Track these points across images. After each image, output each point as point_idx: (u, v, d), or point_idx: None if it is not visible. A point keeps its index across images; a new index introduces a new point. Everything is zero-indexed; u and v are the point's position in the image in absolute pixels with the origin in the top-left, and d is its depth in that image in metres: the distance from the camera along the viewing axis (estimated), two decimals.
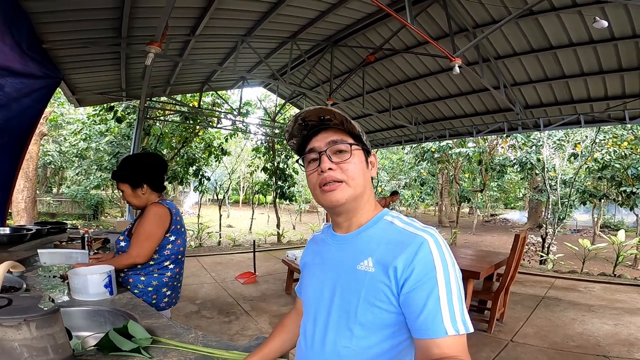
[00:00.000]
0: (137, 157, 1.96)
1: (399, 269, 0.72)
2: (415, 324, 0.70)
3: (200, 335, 1.30)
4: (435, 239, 0.74)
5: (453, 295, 0.69)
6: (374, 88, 7.32)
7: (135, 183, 1.79)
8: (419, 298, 0.69)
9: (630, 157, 8.42)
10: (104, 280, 1.62)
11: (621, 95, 5.44)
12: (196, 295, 4.37)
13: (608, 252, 7.61)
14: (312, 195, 0.89)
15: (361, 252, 0.80)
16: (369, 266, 0.77)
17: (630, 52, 4.52)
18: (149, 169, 1.83)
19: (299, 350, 0.93)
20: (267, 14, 4.62)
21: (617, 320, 3.79)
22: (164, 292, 1.87)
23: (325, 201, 0.82)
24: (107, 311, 1.47)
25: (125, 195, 1.82)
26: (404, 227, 0.79)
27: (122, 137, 8.61)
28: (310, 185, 0.86)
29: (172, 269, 1.88)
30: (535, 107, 6.49)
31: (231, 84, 8.30)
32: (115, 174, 1.83)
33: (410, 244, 0.73)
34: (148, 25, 4.27)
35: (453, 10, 4.44)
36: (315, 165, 0.83)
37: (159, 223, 1.77)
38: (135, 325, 1.18)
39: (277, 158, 10.51)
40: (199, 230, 9.01)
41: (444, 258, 0.72)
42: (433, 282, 0.69)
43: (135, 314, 1.41)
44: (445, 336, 0.67)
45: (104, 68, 5.52)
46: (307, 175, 0.86)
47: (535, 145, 10.65)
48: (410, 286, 0.71)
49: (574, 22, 4.28)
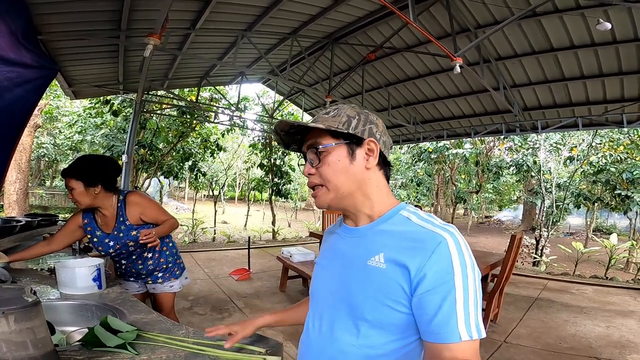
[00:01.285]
0: (95, 157, 2.02)
1: (414, 269, 0.68)
2: (428, 327, 0.67)
3: (191, 331, 1.27)
4: (455, 238, 0.70)
5: (469, 300, 0.66)
6: (373, 87, 7.30)
7: (90, 181, 1.81)
8: (434, 301, 0.66)
9: (625, 162, 8.47)
10: (92, 273, 1.59)
11: (620, 98, 5.46)
12: (189, 292, 4.33)
13: (600, 255, 7.66)
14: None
15: (373, 247, 0.76)
16: (380, 262, 0.73)
17: (631, 55, 4.53)
18: (105, 170, 1.88)
19: (302, 344, 0.90)
20: (269, 9, 4.57)
21: (608, 322, 3.81)
22: (179, 255, 2.25)
23: (315, 204, 0.83)
24: (95, 305, 1.44)
25: (75, 192, 1.80)
26: (421, 224, 0.74)
27: (118, 130, 8.51)
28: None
29: (171, 235, 2.19)
30: (534, 109, 6.51)
31: (230, 79, 8.23)
32: (70, 169, 1.82)
33: (428, 243, 0.69)
34: (148, 18, 4.21)
35: (455, 10, 4.41)
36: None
37: (151, 199, 2.05)
38: (116, 320, 1.14)
39: (273, 155, 10.46)
40: (194, 225, 8.94)
41: (463, 260, 0.68)
42: (450, 285, 0.66)
43: (124, 309, 1.38)
44: (459, 341, 0.64)
45: (102, 60, 5.45)
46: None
47: (532, 148, 10.68)
48: (426, 288, 0.67)
49: (576, 24, 4.27)
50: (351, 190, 0.79)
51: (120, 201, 1.91)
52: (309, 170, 0.81)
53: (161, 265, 2.08)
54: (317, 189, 0.81)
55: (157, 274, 2.07)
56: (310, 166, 0.80)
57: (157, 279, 2.08)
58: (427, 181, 14.52)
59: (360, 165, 0.79)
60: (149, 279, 2.08)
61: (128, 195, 1.94)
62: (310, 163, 0.80)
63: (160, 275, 2.08)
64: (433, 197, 16.14)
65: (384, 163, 0.83)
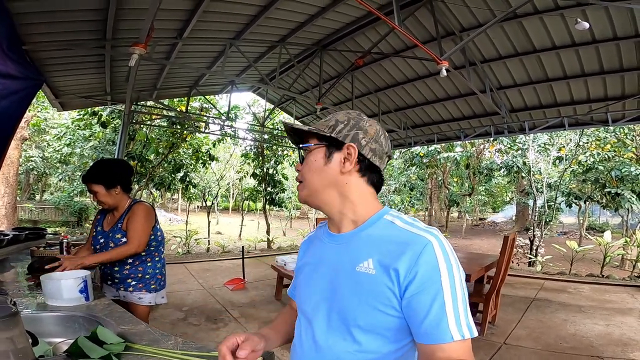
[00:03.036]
0: (110, 161, 2.28)
1: (402, 272, 0.69)
2: (420, 329, 0.68)
3: (180, 341, 1.24)
4: (439, 240, 0.71)
5: (458, 299, 0.67)
6: (363, 93, 7.35)
7: (110, 184, 1.98)
8: (423, 302, 0.67)
9: (613, 160, 8.63)
10: (79, 285, 1.57)
11: (603, 97, 5.57)
12: (183, 302, 4.24)
13: (595, 254, 7.73)
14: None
15: (360, 252, 0.77)
16: (369, 268, 0.74)
17: (611, 54, 4.64)
18: (122, 172, 2.06)
19: (295, 353, 0.89)
20: (256, 17, 4.60)
21: (608, 320, 3.80)
22: (164, 272, 2.19)
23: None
24: (82, 317, 1.42)
25: (99, 195, 1.99)
26: (406, 227, 0.76)
27: (107, 142, 8.43)
28: None
29: (163, 251, 2.21)
30: (521, 110, 6.61)
31: (219, 88, 8.23)
32: (90, 175, 1.99)
33: (413, 246, 0.71)
34: (134, 28, 4.20)
35: (440, 14, 4.49)
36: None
37: (149, 218, 2.04)
38: (105, 331, 1.11)
39: (266, 164, 10.44)
40: (187, 237, 8.83)
41: (448, 260, 0.69)
42: (438, 286, 0.67)
43: (112, 320, 1.35)
44: (451, 341, 0.65)
45: (88, 71, 5.41)
46: None
47: (521, 149, 10.84)
48: (414, 290, 0.68)
49: (556, 25, 4.37)
50: (324, 190, 0.82)
51: (129, 206, 2.04)
52: (297, 166, 0.88)
53: (137, 273, 2.04)
54: (299, 184, 0.87)
55: (130, 281, 2.03)
56: (299, 163, 0.88)
57: (129, 286, 2.03)
58: (420, 185, 14.61)
59: (334, 168, 0.80)
60: (121, 285, 2.03)
61: (136, 203, 2.06)
62: (300, 160, 0.87)
63: (133, 284, 2.03)
64: (427, 201, 16.23)
65: (369, 169, 0.82)
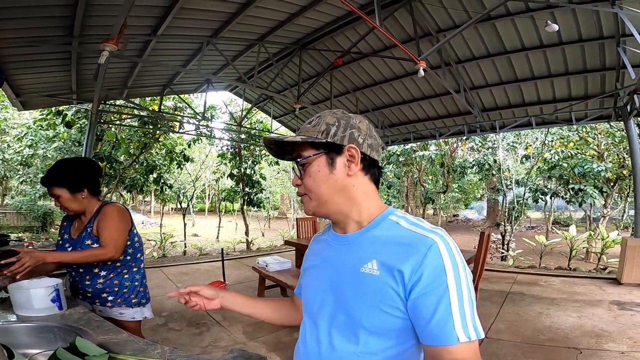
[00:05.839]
0: (74, 160, 1.90)
1: (407, 273, 0.69)
2: (425, 331, 0.68)
3: (167, 350, 1.17)
4: (445, 240, 0.71)
5: (464, 300, 0.67)
6: (341, 92, 7.39)
7: (74, 187, 1.72)
8: (429, 304, 0.67)
9: (576, 157, 9.15)
10: (50, 294, 1.48)
11: (567, 97, 5.91)
12: (162, 307, 4.09)
13: (562, 247, 8.16)
14: None
15: (364, 253, 0.76)
16: (373, 269, 0.73)
17: (576, 56, 4.92)
18: (89, 173, 1.80)
19: (298, 354, 0.88)
20: (235, 14, 4.51)
21: (579, 312, 3.97)
22: (145, 284, 1.95)
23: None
24: (57, 327, 1.32)
25: (62, 200, 1.72)
26: (412, 228, 0.75)
27: (72, 143, 7.97)
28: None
29: (142, 260, 1.95)
30: (492, 110, 6.88)
31: (195, 87, 8.01)
32: (51, 177, 1.71)
33: (419, 246, 0.70)
34: (104, 24, 4.00)
35: (418, 15, 4.59)
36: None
37: (123, 219, 1.79)
38: (85, 342, 1.04)
39: (243, 164, 10.27)
40: (162, 240, 8.52)
41: (454, 261, 0.68)
42: (444, 287, 0.67)
43: (89, 329, 1.26)
44: (457, 343, 0.65)
45: (53, 68, 5.10)
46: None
47: (492, 148, 11.28)
48: (419, 291, 0.68)
49: (527, 27, 4.59)
50: (333, 198, 0.80)
51: (97, 209, 1.79)
52: (296, 181, 0.84)
53: (113, 286, 1.79)
54: (304, 197, 0.84)
55: (107, 296, 1.78)
56: (297, 177, 0.84)
57: (106, 302, 1.78)
58: (396, 184, 14.87)
59: (341, 173, 0.79)
60: (96, 300, 1.78)
61: (106, 205, 1.80)
62: (297, 174, 0.83)
63: (111, 299, 1.78)
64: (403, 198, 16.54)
65: (371, 165, 0.82)
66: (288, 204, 18.83)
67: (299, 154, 0.82)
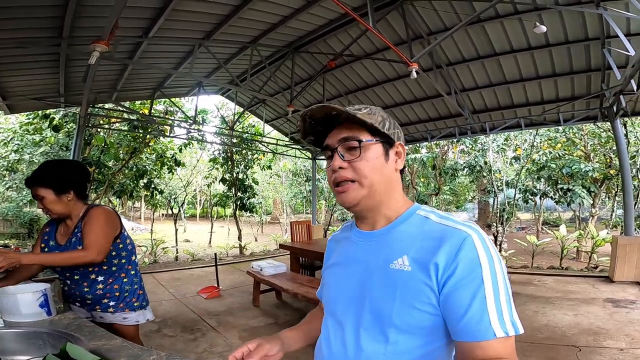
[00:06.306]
0: (61, 161, 1.86)
1: (440, 267, 0.67)
2: (458, 326, 0.65)
3: (163, 356, 1.13)
4: (479, 233, 0.69)
5: (501, 294, 0.64)
6: (333, 95, 7.42)
7: (61, 188, 1.67)
8: (463, 298, 0.65)
9: (563, 158, 9.33)
10: (38, 299, 1.45)
11: (555, 99, 6.03)
12: (155, 313, 3.92)
13: (552, 247, 8.27)
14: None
15: (394, 249, 0.74)
16: (404, 265, 0.71)
17: (563, 57, 5.03)
18: (76, 174, 1.75)
19: (320, 355, 0.85)
20: (228, 17, 4.50)
21: (575, 310, 4.02)
22: (143, 286, 1.93)
23: (339, 202, 0.79)
24: (46, 333, 1.28)
25: (46, 201, 1.65)
26: (443, 222, 0.74)
27: (60, 147, 7.79)
28: (328, 181, 0.82)
29: (137, 263, 1.93)
30: (482, 112, 6.98)
31: (186, 90, 7.94)
32: (36, 177, 1.66)
33: (452, 240, 0.68)
34: (94, 25, 3.95)
35: (410, 18, 4.64)
36: (331, 162, 0.80)
37: (110, 222, 1.73)
38: (76, 348, 1.00)
39: (236, 168, 10.19)
40: (153, 245, 8.37)
41: (489, 254, 0.67)
42: (479, 281, 0.64)
43: (81, 335, 1.22)
44: (493, 338, 0.62)
45: (41, 71, 5.01)
46: (327, 171, 0.83)
47: (482, 149, 11.43)
48: (453, 285, 0.66)
49: (515, 30, 4.68)
50: (382, 189, 0.77)
51: (84, 213, 1.73)
52: (340, 163, 0.76)
53: (114, 291, 1.76)
54: (345, 184, 0.77)
55: (108, 301, 1.75)
56: (341, 160, 0.76)
57: (108, 307, 1.75)
58: None
59: (391, 167, 0.79)
60: (97, 306, 1.75)
61: (92, 208, 1.75)
62: (340, 157, 0.77)
63: (112, 304, 1.76)
64: None
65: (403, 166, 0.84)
66: (281, 208, 18.72)
67: (352, 135, 0.76)
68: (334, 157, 0.78)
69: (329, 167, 0.80)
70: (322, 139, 0.83)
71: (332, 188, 0.81)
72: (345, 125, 0.78)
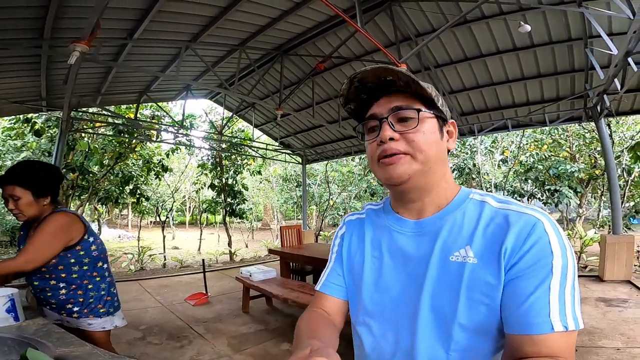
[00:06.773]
0: (41, 163, 1.79)
1: (507, 254, 0.61)
2: (513, 315, 0.59)
3: None
4: (550, 219, 0.62)
5: (567, 286, 0.58)
6: (323, 99, 7.40)
7: (41, 191, 1.62)
8: (527, 287, 0.58)
9: (550, 159, 9.49)
10: (4, 304, 1.40)
11: (540, 100, 6.12)
12: (140, 321, 3.85)
13: None
14: (371, 170, 0.74)
15: (452, 240, 0.67)
16: (467, 256, 0.64)
17: (547, 58, 5.11)
18: (55, 179, 1.71)
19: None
20: (215, 19, 4.44)
21: None
22: (113, 292, 1.85)
23: (383, 176, 0.69)
24: (11, 339, 1.22)
25: (21, 203, 1.58)
26: (505, 207, 0.66)
27: (42, 153, 7.57)
28: (369, 157, 0.73)
29: (106, 268, 1.83)
30: (470, 113, 7.05)
31: (173, 94, 7.83)
32: (14, 176, 1.58)
33: (520, 224, 0.61)
34: (76, 26, 3.84)
35: (398, 19, 4.66)
36: (375, 134, 0.70)
37: (59, 233, 1.62)
38: (37, 354, 0.93)
39: (225, 174, 10.06)
40: (140, 253, 8.16)
41: (562, 242, 0.60)
42: (547, 270, 0.58)
43: (48, 341, 1.15)
44: (550, 332, 0.56)
45: (21, 73, 4.86)
46: (367, 145, 0.73)
47: (471, 151, 11.55)
48: (518, 272, 0.59)
49: (500, 30, 4.74)
50: (437, 166, 0.69)
51: (43, 218, 1.66)
52: (391, 134, 0.67)
53: (77, 297, 1.71)
54: (394, 157, 0.67)
55: (72, 307, 1.70)
56: (391, 130, 0.67)
57: (72, 312, 1.71)
58: (380, 190, 14.95)
59: (444, 144, 0.71)
60: (62, 310, 1.70)
61: (53, 213, 1.66)
62: (391, 126, 0.68)
63: (76, 310, 1.71)
64: None
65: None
66: (271, 214, 18.56)
67: (408, 104, 0.68)
68: (383, 127, 0.68)
69: (373, 139, 0.70)
70: (364, 109, 0.74)
71: (372, 164, 0.71)
72: (398, 94, 0.70)
